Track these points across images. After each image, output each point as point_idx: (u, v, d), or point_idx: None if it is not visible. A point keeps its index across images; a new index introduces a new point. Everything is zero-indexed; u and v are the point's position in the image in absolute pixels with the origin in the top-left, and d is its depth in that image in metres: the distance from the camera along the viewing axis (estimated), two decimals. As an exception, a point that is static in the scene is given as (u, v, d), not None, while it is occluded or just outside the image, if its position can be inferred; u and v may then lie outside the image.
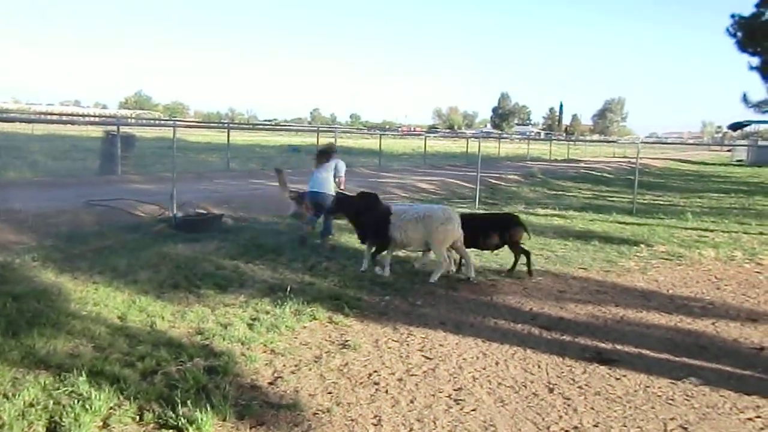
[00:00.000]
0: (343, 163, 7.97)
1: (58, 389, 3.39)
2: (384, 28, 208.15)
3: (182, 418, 3.12)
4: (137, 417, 3.19)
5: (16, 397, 3.28)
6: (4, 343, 3.96)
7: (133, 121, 34.55)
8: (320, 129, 29.01)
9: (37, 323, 4.33)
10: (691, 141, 75.66)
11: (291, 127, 56.55)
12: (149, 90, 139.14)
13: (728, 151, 50.10)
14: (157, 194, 10.23)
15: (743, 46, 20.77)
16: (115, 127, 15.55)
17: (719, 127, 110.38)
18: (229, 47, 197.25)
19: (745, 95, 21.68)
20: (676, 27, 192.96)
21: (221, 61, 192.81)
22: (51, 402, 3.26)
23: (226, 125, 32.56)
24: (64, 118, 31.68)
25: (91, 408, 3.17)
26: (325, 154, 8.01)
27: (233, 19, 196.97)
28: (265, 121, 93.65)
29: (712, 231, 10.28)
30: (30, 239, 7.19)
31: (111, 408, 3.24)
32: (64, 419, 3.07)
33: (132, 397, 3.33)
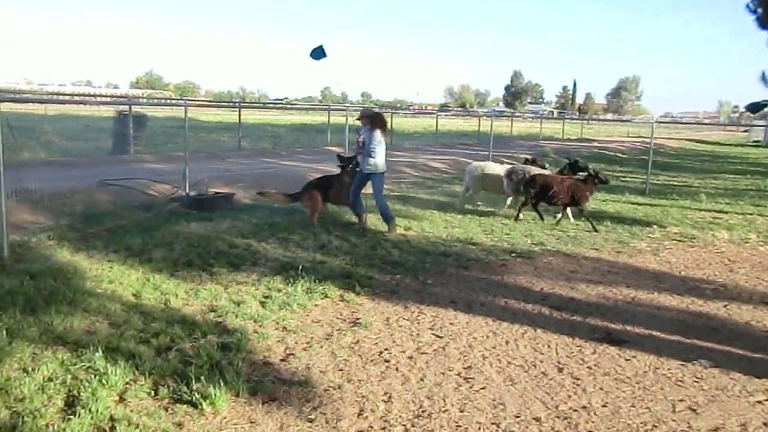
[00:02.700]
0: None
1: (76, 365, 3.47)
2: (395, 5, 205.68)
3: (196, 394, 3.18)
4: (152, 392, 3.27)
5: (36, 372, 3.36)
6: (23, 320, 4.05)
7: (144, 100, 34.56)
8: (331, 108, 28.90)
9: (54, 301, 4.42)
10: (706, 121, 74.32)
11: (302, 106, 56.21)
12: (160, 70, 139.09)
13: (744, 131, 49.18)
14: (169, 173, 10.29)
15: (763, 23, 20.20)
16: (127, 107, 15.59)
17: (736, 107, 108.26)
18: (239, 26, 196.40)
19: (763, 74, 21.12)
20: (693, 3, 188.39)
21: (232, 40, 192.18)
22: (69, 377, 3.34)
23: (237, 104, 32.53)
24: (77, 98, 31.70)
25: (107, 383, 3.24)
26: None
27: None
28: (276, 100, 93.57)
29: (726, 213, 10.17)
30: (46, 219, 7.29)
31: (127, 383, 3.32)
32: (81, 393, 3.15)
33: (147, 373, 3.41)
